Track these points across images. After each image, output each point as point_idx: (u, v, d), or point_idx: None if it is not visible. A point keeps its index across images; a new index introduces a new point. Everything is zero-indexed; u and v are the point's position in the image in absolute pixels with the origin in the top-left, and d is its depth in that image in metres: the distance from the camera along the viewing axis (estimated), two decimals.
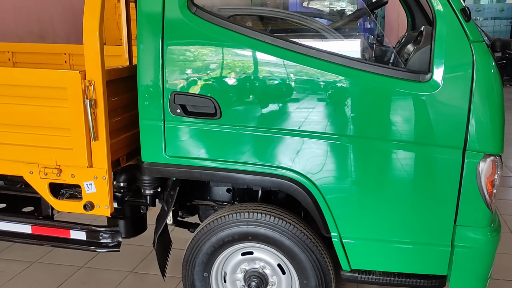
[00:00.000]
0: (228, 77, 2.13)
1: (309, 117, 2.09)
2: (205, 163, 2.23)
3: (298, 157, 2.14)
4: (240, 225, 2.26)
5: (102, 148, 2.27)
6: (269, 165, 2.17)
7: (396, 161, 2.09)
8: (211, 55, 2.13)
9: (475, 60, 1.92)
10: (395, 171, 2.09)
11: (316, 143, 2.12)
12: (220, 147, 2.20)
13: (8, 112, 2.32)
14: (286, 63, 2.06)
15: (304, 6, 4.08)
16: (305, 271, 2.26)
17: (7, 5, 7.29)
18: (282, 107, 2.10)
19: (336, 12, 4.69)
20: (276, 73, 2.09)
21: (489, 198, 2.05)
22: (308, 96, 2.08)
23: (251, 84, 2.11)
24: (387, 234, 2.16)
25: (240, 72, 2.11)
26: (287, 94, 2.09)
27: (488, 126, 1.98)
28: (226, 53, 2.12)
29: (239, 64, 2.11)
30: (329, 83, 2.06)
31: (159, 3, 2.11)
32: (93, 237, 2.53)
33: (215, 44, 2.12)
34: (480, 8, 14.15)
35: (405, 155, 2.08)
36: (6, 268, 3.31)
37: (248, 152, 2.17)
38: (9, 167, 2.42)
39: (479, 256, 2.12)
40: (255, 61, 2.10)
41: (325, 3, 4.64)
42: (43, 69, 2.27)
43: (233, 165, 2.20)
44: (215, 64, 2.13)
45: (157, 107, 2.20)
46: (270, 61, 2.08)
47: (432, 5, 1.93)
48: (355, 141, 2.10)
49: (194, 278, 2.40)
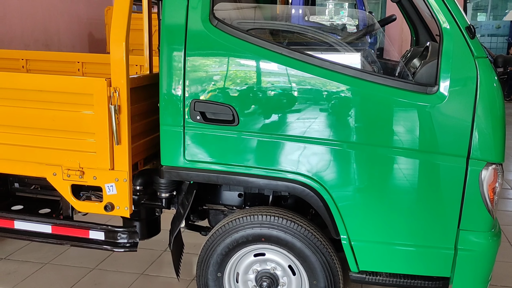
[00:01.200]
0: (246, 87, 2.26)
1: (322, 126, 2.23)
2: (222, 167, 2.35)
3: (311, 163, 2.26)
4: (254, 227, 2.37)
5: (124, 152, 2.39)
6: (284, 170, 2.29)
7: (402, 168, 2.22)
8: (231, 65, 2.26)
9: (479, 75, 2.07)
10: (402, 177, 2.22)
11: (329, 151, 2.25)
12: (237, 153, 2.32)
13: (35, 117, 2.44)
14: (302, 75, 2.20)
15: (309, 21, 4.24)
16: (315, 272, 2.37)
17: (14, 13, 7.42)
18: (297, 115, 2.24)
19: (338, 27, 4.86)
20: (292, 84, 2.22)
21: (490, 204, 2.18)
22: (322, 106, 2.21)
23: (268, 93, 2.25)
24: (394, 237, 2.28)
25: (257, 82, 2.25)
26: (302, 103, 2.22)
27: (491, 136, 2.12)
28: (245, 64, 2.26)
29: (257, 75, 2.25)
30: (342, 94, 2.19)
31: (182, 16, 2.25)
32: (111, 237, 2.63)
33: (234, 55, 2.25)
34: (477, 25, 14.49)
35: (412, 163, 2.21)
36: (18, 269, 3.40)
37: (263, 158, 2.30)
38: (34, 168, 2.53)
39: (481, 259, 2.24)
40: (272, 71, 2.24)
41: (325, 17, 4.82)
42: (71, 76, 2.40)
43: (249, 170, 2.33)
44: (234, 74, 2.26)
45: (177, 114, 2.32)
46: (287, 72, 2.22)
47: (439, 23, 2.08)
48: (365, 149, 2.23)
49: (208, 278, 2.50)
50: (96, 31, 9.45)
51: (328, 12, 3.90)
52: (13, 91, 2.44)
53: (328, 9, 3.94)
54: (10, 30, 7.31)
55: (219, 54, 2.27)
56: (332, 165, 2.26)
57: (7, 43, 7.12)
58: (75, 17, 8.95)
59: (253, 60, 2.25)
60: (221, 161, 2.35)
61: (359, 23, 5.31)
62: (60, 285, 3.20)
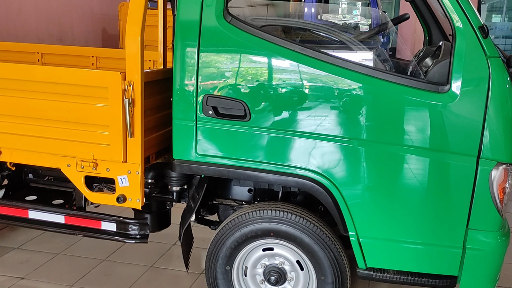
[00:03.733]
0: (259, 82, 2.28)
1: (333, 123, 2.24)
2: (233, 162, 2.38)
3: (321, 160, 2.29)
4: (263, 222, 2.40)
5: (137, 145, 2.42)
6: (294, 166, 2.32)
7: (412, 167, 2.23)
8: (244, 61, 2.29)
9: (491, 74, 2.07)
10: (412, 175, 2.23)
11: (339, 147, 2.27)
12: (248, 148, 2.35)
13: (51, 109, 2.49)
14: (314, 72, 2.22)
15: (321, 19, 4.26)
16: (323, 267, 2.39)
17: (30, 7, 7.51)
18: (308, 112, 2.26)
19: (351, 25, 4.87)
20: (305, 81, 2.24)
21: (500, 204, 2.18)
22: (334, 103, 2.23)
23: (280, 89, 2.27)
24: (403, 234, 2.30)
25: (270, 78, 2.27)
26: (314, 100, 2.24)
27: (502, 136, 2.12)
28: (258, 60, 2.28)
29: (270, 71, 2.27)
30: (354, 91, 2.21)
31: (197, 12, 2.28)
32: (122, 229, 2.68)
33: (248, 51, 2.28)
34: (492, 27, 14.34)
35: (422, 161, 2.22)
36: (30, 259, 3.46)
37: (274, 153, 2.32)
38: (49, 159, 2.58)
39: (489, 259, 2.25)
40: (285, 68, 2.26)
41: (338, 16, 4.82)
42: (87, 69, 2.45)
43: (260, 165, 2.35)
44: (247, 70, 2.29)
45: (190, 108, 2.36)
46: (300, 69, 2.24)
47: (452, 22, 2.09)
48: (376, 147, 2.24)
49: (216, 271, 2.53)
50: (109, 26, 9.53)
51: (341, 10, 3.91)
52: (30, 83, 2.49)
53: (341, 8, 3.95)
54: (26, 24, 7.40)
55: (233, 50, 2.30)
56: (342, 162, 2.28)
57: (22, 37, 7.21)
58: (89, 12, 9.03)
59: (266, 56, 2.27)
60: (232, 156, 2.37)
61: (372, 22, 5.30)
62: (71, 275, 3.25)
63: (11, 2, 6.99)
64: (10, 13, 6.95)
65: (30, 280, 3.18)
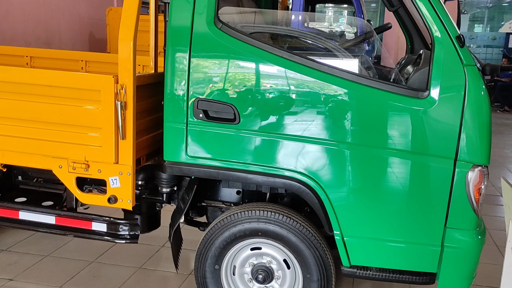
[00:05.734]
0: (248, 87, 2.37)
1: (319, 127, 2.34)
2: (222, 164, 2.46)
3: (308, 162, 2.38)
4: (252, 222, 2.48)
5: (128, 147, 2.49)
6: (281, 168, 2.41)
7: (394, 168, 2.34)
8: (234, 66, 2.38)
9: (467, 81, 2.20)
10: (393, 177, 2.34)
11: (325, 150, 2.37)
12: (237, 150, 2.43)
13: (43, 111, 2.54)
14: (301, 77, 2.32)
15: (308, 27, 4.37)
16: (309, 266, 2.48)
17: (17, 11, 7.51)
18: (295, 116, 2.35)
19: (336, 33, 5.00)
20: (292, 86, 2.34)
21: (476, 204, 2.30)
22: (320, 108, 2.33)
23: (268, 94, 2.36)
24: (384, 233, 2.40)
25: (259, 83, 2.36)
26: (301, 104, 2.34)
27: (477, 140, 2.24)
28: (247, 65, 2.37)
29: (259, 76, 2.36)
30: (339, 97, 2.31)
31: (188, 19, 2.36)
32: (113, 229, 2.73)
33: (237, 57, 2.37)
34: (473, 36, 14.70)
35: (402, 163, 2.33)
36: (19, 260, 3.48)
37: (263, 155, 2.41)
38: (40, 161, 2.63)
39: (466, 256, 2.36)
40: (273, 73, 2.36)
41: (324, 24, 4.94)
42: (80, 73, 2.51)
43: (248, 167, 2.44)
44: (236, 75, 2.38)
45: (181, 111, 2.43)
46: (287, 75, 2.34)
47: (431, 32, 2.21)
48: (360, 150, 2.34)
49: (205, 270, 2.60)
50: (96, 31, 9.55)
51: (327, 19, 4.02)
52: (23, 86, 2.54)
53: (327, 16, 4.06)
54: (13, 27, 7.39)
55: (223, 56, 2.38)
56: (328, 164, 2.38)
57: (9, 40, 7.20)
58: (76, 16, 9.04)
59: (255, 62, 2.36)
60: (222, 158, 2.46)
61: (357, 30, 5.44)
62: (60, 277, 3.28)
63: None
64: None
65: (19, 281, 3.20)
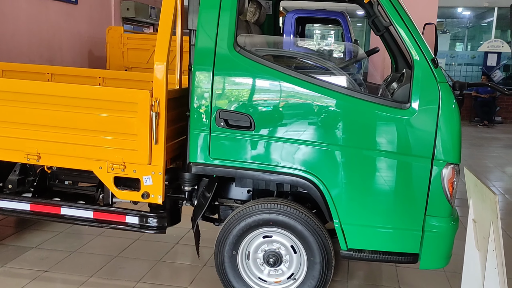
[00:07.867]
0: (262, 100, 2.87)
1: (322, 133, 2.84)
2: (240, 164, 2.93)
3: (312, 162, 2.87)
4: (264, 213, 2.95)
5: (160, 150, 2.95)
6: (290, 167, 2.89)
7: (383, 167, 2.84)
8: (250, 83, 2.87)
9: (441, 96, 2.72)
10: (382, 174, 2.84)
11: (326, 152, 2.86)
12: (253, 152, 2.91)
13: (88, 120, 2.99)
14: (305, 92, 2.82)
15: (304, 47, 4.89)
16: (313, 250, 2.95)
17: (23, 31, 7.93)
18: (301, 123, 2.85)
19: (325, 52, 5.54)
20: (298, 99, 2.84)
21: (450, 196, 2.81)
22: (321, 117, 2.83)
23: (279, 105, 2.86)
24: (375, 221, 2.89)
25: (270, 96, 2.86)
26: (306, 114, 2.84)
27: (450, 142, 2.76)
28: (260, 82, 2.87)
29: (270, 90, 2.87)
30: (337, 108, 2.82)
31: (212, 43, 2.86)
32: (144, 221, 3.17)
33: (252, 75, 2.87)
34: (454, 55, 15.40)
35: (389, 162, 2.83)
36: (50, 256, 3.88)
37: (275, 157, 2.90)
38: (83, 163, 3.07)
39: (443, 239, 2.86)
40: (282, 89, 2.86)
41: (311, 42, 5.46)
42: (120, 88, 2.97)
43: (261, 166, 2.92)
44: (252, 90, 2.87)
45: (205, 120, 2.91)
46: (294, 90, 2.84)
47: (411, 55, 2.74)
48: (355, 151, 2.84)
49: (224, 255, 3.05)
50: (96, 48, 9.98)
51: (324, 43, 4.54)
52: (71, 99, 3.00)
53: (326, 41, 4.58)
54: (18, 46, 7.80)
55: (241, 74, 2.88)
56: (328, 164, 2.87)
57: (14, 58, 7.60)
58: (77, 35, 9.47)
59: (267, 79, 2.87)
60: (239, 159, 2.93)
61: (345, 52, 6.00)
62: (90, 268, 3.69)
63: (6, 27, 7.41)
64: (4, 36, 7.36)
65: (53, 272, 3.61)
